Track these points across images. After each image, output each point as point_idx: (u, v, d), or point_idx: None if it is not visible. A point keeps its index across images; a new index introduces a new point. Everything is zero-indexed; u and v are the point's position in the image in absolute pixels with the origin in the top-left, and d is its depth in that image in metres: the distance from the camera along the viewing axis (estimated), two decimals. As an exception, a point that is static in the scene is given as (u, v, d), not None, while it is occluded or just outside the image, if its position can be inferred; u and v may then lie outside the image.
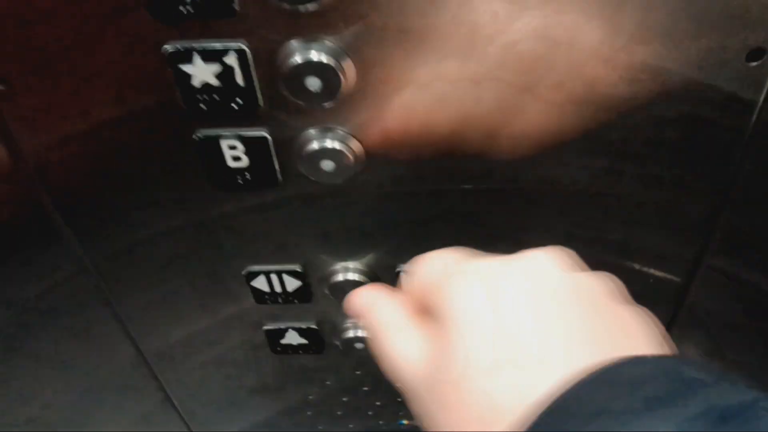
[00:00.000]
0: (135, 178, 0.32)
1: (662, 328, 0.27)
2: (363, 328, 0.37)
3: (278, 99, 0.28)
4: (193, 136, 0.29)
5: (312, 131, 0.30)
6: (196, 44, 0.26)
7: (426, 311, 0.28)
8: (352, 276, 0.37)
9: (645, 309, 0.27)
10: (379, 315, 0.30)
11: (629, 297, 0.28)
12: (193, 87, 0.27)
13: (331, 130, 0.30)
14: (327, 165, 0.30)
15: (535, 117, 0.30)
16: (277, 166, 0.31)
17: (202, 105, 0.28)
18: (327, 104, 0.28)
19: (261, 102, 0.28)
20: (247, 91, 0.27)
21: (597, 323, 0.25)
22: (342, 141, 0.30)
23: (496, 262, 0.27)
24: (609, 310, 0.26)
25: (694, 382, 0.21)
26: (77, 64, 0.27)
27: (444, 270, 0.28)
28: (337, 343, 0.42)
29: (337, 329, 0.41)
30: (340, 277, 0.37)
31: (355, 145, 0.30)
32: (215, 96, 0.27)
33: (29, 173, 0.30)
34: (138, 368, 0.42)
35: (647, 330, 0.26)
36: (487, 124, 0.30)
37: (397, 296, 0.31)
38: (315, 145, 0.30)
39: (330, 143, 0.30)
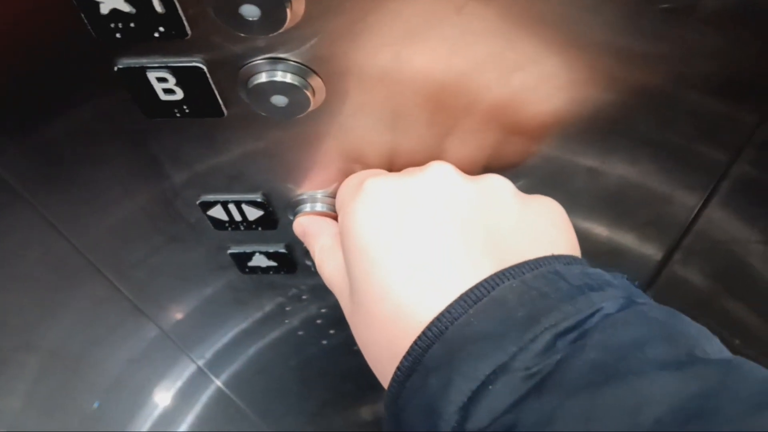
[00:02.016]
0: (56, 105, 0.27)
1: (565, 217, 0.29)
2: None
3: (212, 26, 0.23)
4: (114, 68, 0.24)
5: (259, 62, 0.25)
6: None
7: None
8: (321, 207, 0.33)
9: (547, 200, 0.29)
10: (313, 240, 0.32)
11: (524, 194, 0.28)
12: (101, 15, 0.22)
13: (282, 60, 0.25)
14: (279, 100, 0.26)
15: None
16: (219, 99, 0.26)
17: (117, 35, 0.22)
18: (272, 34, 0.23)
19: (189, 30, 0.23)
20: (170, 19, 0.22)
21: (496, 232, 0.26)
22: (296, 74, 0.25)
23: (394, 180, 0.27)
24: (509, 215, 0.27)
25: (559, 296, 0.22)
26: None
27: (348, 193, 0.29)
28: (309, 264, 0.39)
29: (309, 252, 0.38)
30: (307, 208, 0.33)
31: (313, 79, 0.25)
32: (131, 24, 0.22)
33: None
34: (110, 290, 0.40)
35: (548, 228, 0.27)
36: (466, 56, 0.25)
37: (329, 221, 0.33)
38: (263, 78, 0.25)
39: (281, 76, 0.25)
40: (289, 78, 0.25)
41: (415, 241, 0.25)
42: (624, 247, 0.38)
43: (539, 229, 0.27)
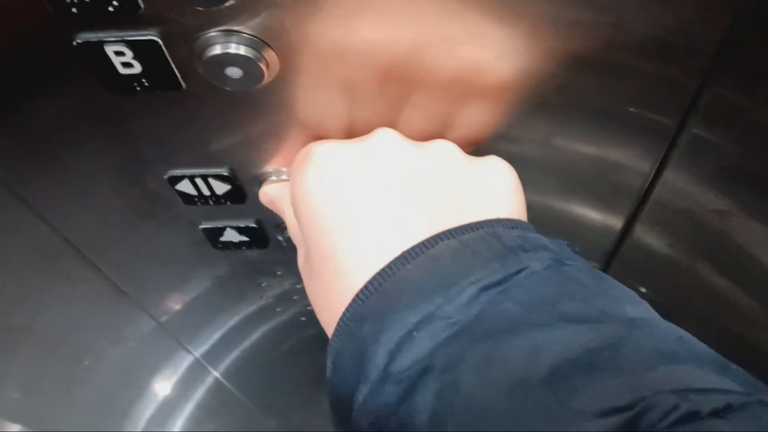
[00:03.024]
0: (21, 86, 0.28)
1: (513, 180, 0.30)
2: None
3: (162, -1, 0.24)
4: (73, 43, 0.25)
5: (212, 34, 0.26)
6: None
7: None
8: (286, 178, 0.34)
9: (495, 163, 0.30)
10: (280, 203, 0.33)
11: (473, 158, 0.30)
12: (55, -11, 0.23)
13: (235, 32, 0.26)
14: (233, 72, 0.27)
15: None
16: (176, 72, 0.27)
17: (73, 9, 0.23)
18: (221, 6, 0.24)
19: (141, 3, 0.24)
20: (122, -8, 0.23)
21: (440, 195, 0.27)
22: (249, 46, 0.26)
23: (341, 146, 0.29)
24: (453, 178, 0.28)
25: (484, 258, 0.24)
26: None
27: (297, 161, 0.31)
28: (281, 239, 0.40)
29: (279, 226, 0.39)
30: (273, 178, 0.34)
31: (266, 51, 0.26)
32: (85, -2, 0.23)
33: None
34: (84, 267, 0.41)
35: (493, 192, 0.28)
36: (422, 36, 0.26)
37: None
38: (217, 50, 0.26)
39: (235, 48, 0.26)
40: (242, 50, 0.26)
41: (359, 204, 0.27)
42: (583, 218, 0.39)
43: (484, 192, 0.28)
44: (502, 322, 0.21)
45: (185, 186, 0.34)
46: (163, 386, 0.66)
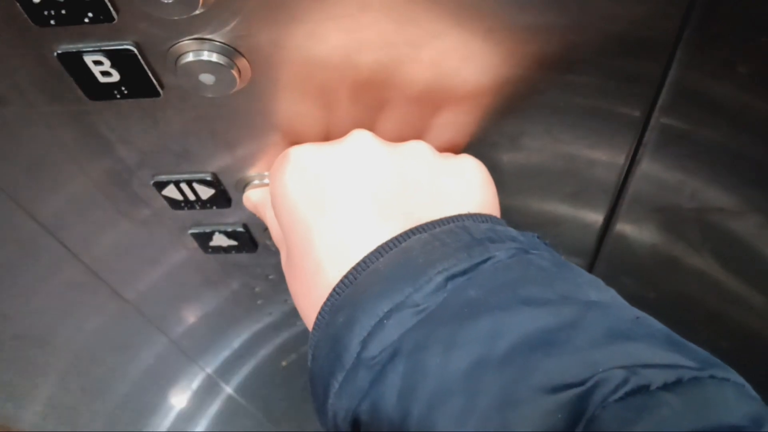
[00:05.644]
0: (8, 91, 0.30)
1: (484, 177, 0.31)
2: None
3: (135, 9, 0.25)
4: (54, 53, 0.27)
5: (185, 42, 0.27)
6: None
7: None
8: (268, 182, 0.35)
9: (466, 161, 0.31)
10: (262, 208, 0.35)
11: (445, 156, 0.31)
12: (35, 4, 0.24)
13: (207, 40, 0.27)
14: (207, 78, 0.28)
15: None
16: (153, 79, 0.28)
17: (52, 21, 0.25)
18: (188, 15, 0.25)
19: (115, 15, 0.25)
20: (96, 5, 0.25)
21: (413, 193, 0.28)
22: (220, 53, 0.27)
23: (317, 148, 0.30)
24: (426, 177, 0.29)
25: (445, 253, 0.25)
26: None
27: (276, 164, 0.31)
28: (269, 243, 0.42)
29: (266, 230, 0.41)
30: (256, 181, 0.36)
31: (237, 58, 0.28)
32: (62, 11, 0.25)
33: None
34: (85, 273, 0.43)
35: (465, 189, 0.30)
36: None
37: None
38: (190, 57, 0.27)
39: (207, 56, 0.27)
40: (214, 57, 0.27)
41: (336, 203, 0.28)
42: (562, 216, 0.40)
43: (456, 189, 0.29)
44: (465, 307, 0.23)
45: (171, 191, 0.36)
46: (179, 399, 0.68)
